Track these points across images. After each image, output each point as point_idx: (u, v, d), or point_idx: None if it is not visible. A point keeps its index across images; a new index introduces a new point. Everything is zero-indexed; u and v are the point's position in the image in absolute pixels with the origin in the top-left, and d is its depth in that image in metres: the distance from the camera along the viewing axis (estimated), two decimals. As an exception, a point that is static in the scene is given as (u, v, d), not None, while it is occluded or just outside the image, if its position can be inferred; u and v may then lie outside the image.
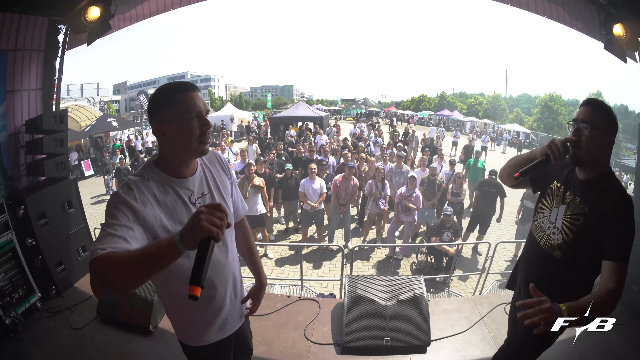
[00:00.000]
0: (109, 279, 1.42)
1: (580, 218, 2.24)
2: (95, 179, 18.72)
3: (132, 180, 1.76)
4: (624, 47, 4.75)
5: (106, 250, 1.45)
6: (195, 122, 1.78)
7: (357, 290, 4.47)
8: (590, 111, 2.20)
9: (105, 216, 1.63)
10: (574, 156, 2.25)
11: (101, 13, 4.91)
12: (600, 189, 2.23)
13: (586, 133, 2.18)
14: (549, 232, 2.44)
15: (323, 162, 9.91)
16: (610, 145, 2.24)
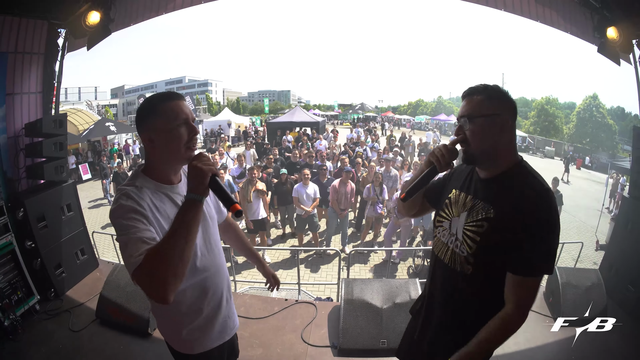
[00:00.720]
0: (166, 271, 1.49)
1: (484, 224, 1.84)
2: (93, 183, 18.77)
3: (127, 190, 1.77)
4: (617, 50, 4.80)
5: (143, 253, 1.51)
6: (182, 129, 1.82)
7: (353, 293, 4.50)
8: (468, 102, 1.89)
9: (120, 230, 1.64)
10: (465, 154, 1.94)
11: (101, 18, 4.95)
12: (506, 186, 1.85)
13: (467, 127, 1.86)
14: (452, 246, 2.02)
15: (324, 167, 9.97)
16: (506, 129, 1.85)
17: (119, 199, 1.72)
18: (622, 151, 37.74)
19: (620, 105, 47.87)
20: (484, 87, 1.88)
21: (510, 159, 1.89)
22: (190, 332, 2.07)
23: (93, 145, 24.13)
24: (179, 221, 1.58)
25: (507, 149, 1.88)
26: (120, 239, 1.61)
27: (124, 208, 1.68)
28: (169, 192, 1.92)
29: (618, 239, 5.43)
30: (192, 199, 1.62)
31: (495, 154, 1.86)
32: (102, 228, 12.11)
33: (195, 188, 1.63)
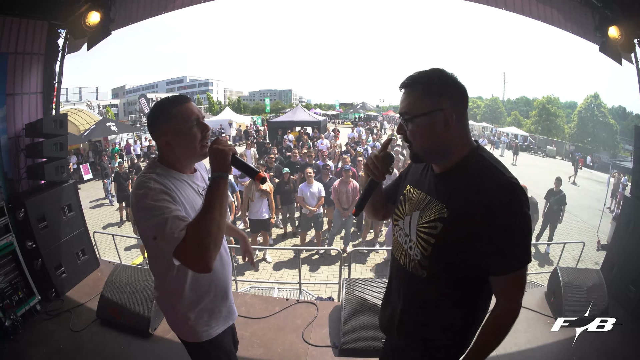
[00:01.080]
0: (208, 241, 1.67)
1: (439, 225, 1.65)
2: (94, 183, 18.82)
3: (150, 175, 1.89)
4: (619, 49, 4.78)
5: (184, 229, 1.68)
6: (195, 128, 1.98)
7: (354, 293, 4.49)
8: (407, 95, 1.68)
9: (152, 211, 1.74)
10: (410, 153, 1.77)
11: (101, 18, 4.95)
12: (460, 181, 1.65)
13: (409, 127, 1.68)
14: (406, 248, 1.85)
15: (327, 167, 9.97)
16: (450, 122, 1.63)
17: (145, 183, 1.83)
18: (623, 151, 37.69)
19: (622, 104, 47.81)
20: (422, 76, 1.67)
21: (463, 150, 1.69)
22: (197, 316, 2.14)
23: (94, 145, 24.15)
24: (211, 197, 1.75)
25: (458, 141, 1.68)
26: (154, 220, 1.71)
27: (155, 190, 1.80)
28: (186, 179, 2.08)
29: (620, 238, 5.39)
30: (219, 176, 1.80)
31: (442, 150, 1.69)
32: (103, 228, 12.19)
33: (220, 167, 1.81)
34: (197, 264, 1.68)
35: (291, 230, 10.61)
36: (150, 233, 1.74)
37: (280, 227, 10.94)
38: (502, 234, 1.52)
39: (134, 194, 1.85)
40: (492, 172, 1.60)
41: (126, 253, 9.74)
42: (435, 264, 1.69)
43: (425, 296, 1.79)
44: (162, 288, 2.15)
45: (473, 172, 1.63)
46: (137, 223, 1.84)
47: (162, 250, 1.73)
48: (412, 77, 1.69)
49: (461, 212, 1.59)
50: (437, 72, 1.67)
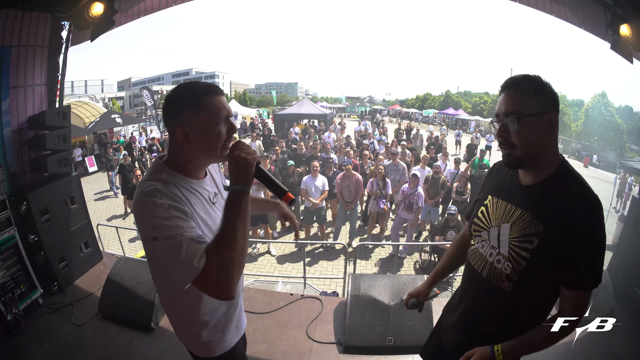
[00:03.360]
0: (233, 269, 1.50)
1: (534, 240, 1.64)
2: (99, 175, 18.80)
3: (155, 186, 1.59)
4: (630, 48, 4.70)
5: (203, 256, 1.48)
6: (222, 127, 1.70)
7: (360, 289, 4.45)
8: (514, 95, 1.66)
9: (160, 231, 1.49)
10: (509, 159, 1.73)
11: (104, 9, 4.90)
12: (553, 195, 1.65)
13: (515, 128, 1.64)
14: (492, 260, 1.85)
15: (330, 160, 9.89)
16: (554, 126, 1.64)
17: (150, 196, 1.55)
18: (629, 151, 37.44)
19: (629, 104, 47.31)
20: (529, 78, 1.66)
21: (554, 162, 1.71)
22: (211, 333, 1.97)
23: (99, 137, 24.18)
24: (232, 215, 1.56)
25: (552, 151, 1.70)
26: (164, 243, 1.48)
27: (162, 207, 1.53)
28: (196, 187, 1.79)
29: (626, 240, 5.30)
30: (240, 189, 1.60)
31: (541, 157, 1.68)
32: (108, 220, 12.19)
33: (241, 179, 1.61)
34: (219, 293, 1.53)
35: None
36: (160, 257, 1.54)
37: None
38: (591, 253, 1.57)
39: (136, 205, 1.59)
40: (583, 190, 1.64)
41: (130, 245, 9.73)
42: (525, 278, 1.70)
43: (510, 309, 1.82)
44: (171, 310, 1.97)
45: (564, 187, 1.66)
46: (142, 241, 1.61)
47: (173, 277, 1.53)
48: (519, 77, 1.68)
49: (557, 228, 1.59)
50: (538, 76, 1.67)
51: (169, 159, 1.77)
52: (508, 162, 1.75)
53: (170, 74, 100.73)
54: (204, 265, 1.46)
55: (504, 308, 1.82)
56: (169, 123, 1.71)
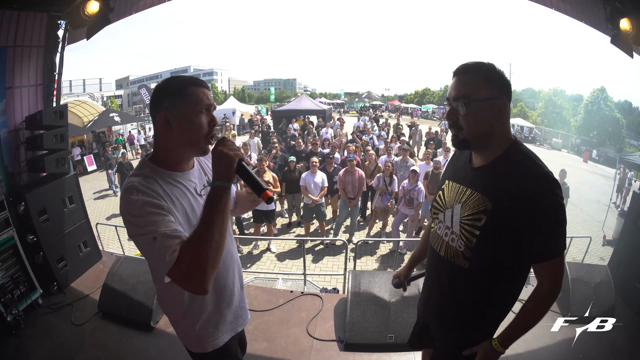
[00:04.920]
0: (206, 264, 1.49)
1: (482, 217, 1.74)
2: (98, 174, 18.78)
3: (133, 183, 1.64)
4: (630, 42, 4.68)
5: (177, 250, 1.50)
6: (204, 117, 1.73)
7: (360, 286, 4.44)
8: (465, 81, 1.74)
9: (137, 228, 1.56)
10: (456, 139, 1.84)
11: (100, 7, 4.87)
12: (502, 174, 1.74)
13: (463, 112, 1.73)
14: (447, 240, 1.94)
15: (330, 156, 9.86)
16: (504, 111, 1.72)
17: (127, 194, 1.60)
18: (629, 146, 37.46)
19: (628, 99, 47.16)
20: (480, 65, 1.74)
21: (504, 143, 1.79)
22: (203, 327, 2.00)
23: (98, 136, 24.15)
24: (210, 211, 1.56)
25: (504, 133, 1.79)
26: (141, 239, 1.55)
27: (136, 204, 1.57)
28: (180, 179, 1.82)
29: (627, 235, 5.30)
30: (221, 186, 1.60)
31: (489, 139, 1.77)
32: (107, 219, 12.18)
33: (223, 175, 1.61)
34: (191, 287, 1.53)
35: (296, 220, 10.56)
36: (142, 252, 1.60)
37: (285, 217, 10.91)
38: (544, 225, 1.64)
39: (120, 202, 1.64)
40: (532, 166, 1.69)
41: (130, 244, 9.69)
42: (479, 255, 1.78)
43: (466, 285, 1.89)
44: (162, 299, 2.02)
45: (514, 165, 1.73)
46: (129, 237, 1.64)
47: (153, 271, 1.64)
48: (471, 64, 1.76)
49: (505, 204, 1.68)
50: (492, 64, 1.74)
51: (154, 153, 1.83)
52: (455, 143, 1.86)
53: (168, 71, 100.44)
54: (177, 259, 1.48)
55: (465, 286, 1.90)
56: (153, 111, 1.75)
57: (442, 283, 2.04)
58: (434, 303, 2.15)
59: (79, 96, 31.24)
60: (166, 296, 1.97)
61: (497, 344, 1.86)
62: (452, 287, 1.97)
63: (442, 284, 2.04)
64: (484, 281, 1.84)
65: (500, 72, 1.73)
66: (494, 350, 1.87)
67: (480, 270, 1.81)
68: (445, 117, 1.88)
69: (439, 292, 2.09)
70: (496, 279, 1.81)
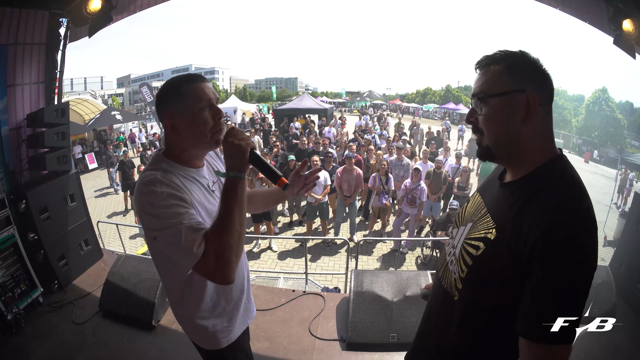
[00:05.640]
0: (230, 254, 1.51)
1: (481, 246, 1.36)
2: (100, 172, 18.84)
3: (155, 175, 1.62)
4: (633, 43, 4.66)
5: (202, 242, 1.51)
6: (206, 112, 1.70)
7: (363, 286, 4.42)
8: (484, 74, 1.38)
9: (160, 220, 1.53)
10: (479, 147, 1.45)
11: (102, 5, 4.85)
12: (523, 198, 1.29)
13: (480, 111, 1.38)
14: (448, 260, 1.61)
15: (329, 154, 9.86)
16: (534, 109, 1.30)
17: (149, 186, 1.58)
18: (630, 146, 37.46)
19: (629, 99, 47.21)
20: (505, 54, 1.35)
21: (541, 156, 1.34)
22: (217, 322, 1.99)
23: (99, 134, 24.18)
24: (228, 202, 1.57)
25: (537, 142, 1.34)
26: (164, 232, 1.52)
27: (160, 195, 1.56)
28: (194, 175, 1.82)
29: (629, 236, 5.28)
30: (236, 176, 1.60)
31: (517, 148, 1.35)
32: (108, 217, 12.21)
33: (236, 165, 1.61)
34: (219, 278, 1.54)
35: (297, 219, 10.56)
36: (163, 245, 1.56)
37: (287, 216, 10.90)
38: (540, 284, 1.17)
39: (137, 195, 1.61)
40: (564, 196, 1.23)
41: (131, 242, 9.74)
42: (469, 289, 1.43)
43: (453, 321, 1.52)
44: (175, 299, 1.96)
45: (542, 189, 1.27)
46: (144, 230, 1.64)
47: (176, 264, 1.56)
48: (491, 55, 1.38)
49: (508, 238, 1.27)
50: (522, 52, 1.34)
51: (167, 149, 1.82)
52: (478, 151, 1.47)
53: (169, 70, 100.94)
54: (204, 253, 1.49)
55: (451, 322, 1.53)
56: (159, 117, 1.76)
57: (437, 310, 1.69)
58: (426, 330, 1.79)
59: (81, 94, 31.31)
60: (180, 296, 1.92)
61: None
62: (440, 317, 1.64)
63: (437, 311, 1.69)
64: (473, 322, 1.45)
65: (531, 60, 1.33)
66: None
67: (469, 307, 1.45)
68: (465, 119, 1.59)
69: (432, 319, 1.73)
70: (489, 325, 1.40)
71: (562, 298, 1.13)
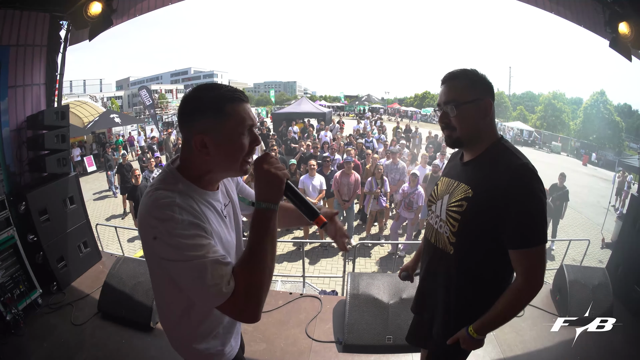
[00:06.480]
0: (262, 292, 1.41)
1: (464, 203, 1.90)
2: (98, 175, 18.78)
3: (173, 198, 1.43)
4: (629, 46, 4.69)
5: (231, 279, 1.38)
6: (245, 138, 1.53)
7: (359, 288, 4.45)
8: (452, 87, 1.94)
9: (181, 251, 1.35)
10: (450, 139, 2.01)
11: (103, 8, 4.88)
12: (484, 165, 1.93)
13: (454, 113, 1.92)
14: (437, 227, 2.10)
15: (328, 159, 9.89)
16: (489, 110, 1.91)
17: (167, 210, 1.39)
18: (628, 149, 37.45)
19: (627, 102, 47.14)
20: (465, 71, 1.94)
21: (490, 139, 1.96)
22: (210, 345, 1.82)
23: (98, 137, 24.17)
24: (260, 236, 1.45)
25: (490, 131, 1.96)
26: (185, 265, 1.35)
27: (182, 224, 1.38)
28: (211, 200, 1.64)
29: (625, 238, 5.31)
30: (269, 208, 1.48)
31: (478, 136, 1.95)
32: (107, 220, 12.21)
33: (270, 196, 1.48)
34: (247, 317, 1.42)
35: (295, 223, 10.49)
36: (182, 279, 1.41)
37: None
38: (517, 213, 1.72)
39: (148, 219, 1.42)
40: (510, 158, 1.84)
41: (129, 245, 9.74)
42: (461, 240, 1.93)
43: (452, 272, 2.01)
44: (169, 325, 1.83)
45: (495, 158, 1.89)
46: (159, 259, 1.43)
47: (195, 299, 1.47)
48: (456, 72, 1.96)
49: (484, 191, 1.84)
50: (474, 69, 1.95)
51: (183, 166, 1.61)
52: (449, 142, 2.03)
53: (168, 73, 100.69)
54: (234, 291, 1.36)
55: (451, 272, 2.02)
56: (185, 129, 1.54)
57: (432, 270, 2.18)
58: (427, 292, 2.28)
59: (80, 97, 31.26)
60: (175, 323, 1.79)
61: (472, 331, 1.92)
62: (440, 274, 2.10)
63: (433, 271, 2.18)
64: (469, 268, 1.96)
65: (482, 76, 1.94)
66: (470, 337, 1.93)
67: (464, 255, 1.95)
68: (439, 120, 2.03)
69: (430, 279, 2.23)
70: (481, 267, 1.93)
71: (536, 217, 1.74)
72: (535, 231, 1.74)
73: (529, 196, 1.73)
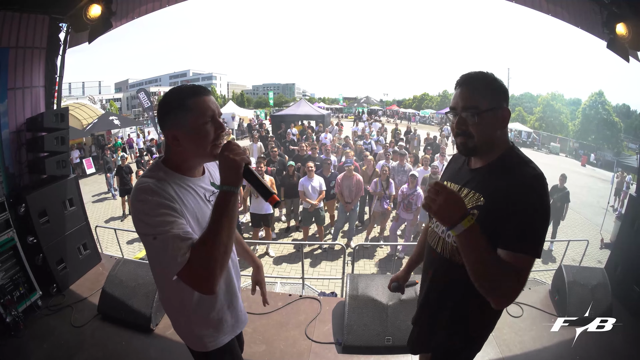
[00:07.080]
0: (215, 266, 1.56)
1: (475, 212, 1.78)
2: (97, 177, 18.81)
3: (148, 183, 1.69)
4: (626, 47, 4.70)
5: (187, 252, 1.56)
6: (209, 126, 1.75)
7: (358, 289, 4.46)
8: (471, 91, 1.80)
9: (149, 228, 1.60)
10: (464, 147, 1.87)
11: (102, 11, 4.88)
12: (496, 174, 1.82)
13: (474, 121, 1.79)
14: (444, 236, 2.01)
15: (328, 161, 9.91)
16: (507, 118, 1.82)
17: (142, 194, 1.65)
18: (627, 149, 37.48)
19: (626, 102, 47.15)
20: (484, 75, 1.82)
21: (503, 147, 1.87)
22: (203, 328, 2.05)
23: (97, 139, 24.16)
24: (219, 214, 1.62)
25: (502, 138, 1.87)
26: (153, 239, 1.59)
27: (150, 204, 1.62)
28: (191, 184, 1.87)
29: (624, 238, 5.32)
30: (229, 190, 1.65)
31: (493, 144, 1.85)
32: (106, 222, 12.18)
33: (230, 179, 1.65)
34: (200, 288, 1.60)
35: (294, 224, 10.57)
36: (151, 251, 1.67)
37: (284, 221, 10.90)
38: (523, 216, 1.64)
39: (131, 200, 1.69)
40: (524, 169, 1.76)
41: (128, 247, 9.74)
42: None
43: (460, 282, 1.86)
44: (166, 299, 2.05)
45: (508, 166, 1.80)
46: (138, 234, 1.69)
47: (163, 269, 1.67)
48: (473, 75, 1.83)
49: (496, 200, 1.73)
50: (492, 74, 1.83)
51: (166, 158, 1.87)
52: (464, 150, 1.90)
53: (167, 75, 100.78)
54: (187, 261, 1.54)
55: (459, 282, 1.87)
56: (161, 127, 1.80)
57: (438, 280, 2.10)
58: (433, 305, 2.18)
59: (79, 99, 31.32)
60: (171, 296, 1.99)
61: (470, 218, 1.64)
62: (447, 284, 2.03)
63: (438, 282, 2.11)
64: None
65: (500, 81, 1.82)
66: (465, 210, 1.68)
67: None
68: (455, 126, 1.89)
69: (435, 291, 2.14)
70: None
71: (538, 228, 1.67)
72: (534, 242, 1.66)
73: (539, 211, 1.66)
